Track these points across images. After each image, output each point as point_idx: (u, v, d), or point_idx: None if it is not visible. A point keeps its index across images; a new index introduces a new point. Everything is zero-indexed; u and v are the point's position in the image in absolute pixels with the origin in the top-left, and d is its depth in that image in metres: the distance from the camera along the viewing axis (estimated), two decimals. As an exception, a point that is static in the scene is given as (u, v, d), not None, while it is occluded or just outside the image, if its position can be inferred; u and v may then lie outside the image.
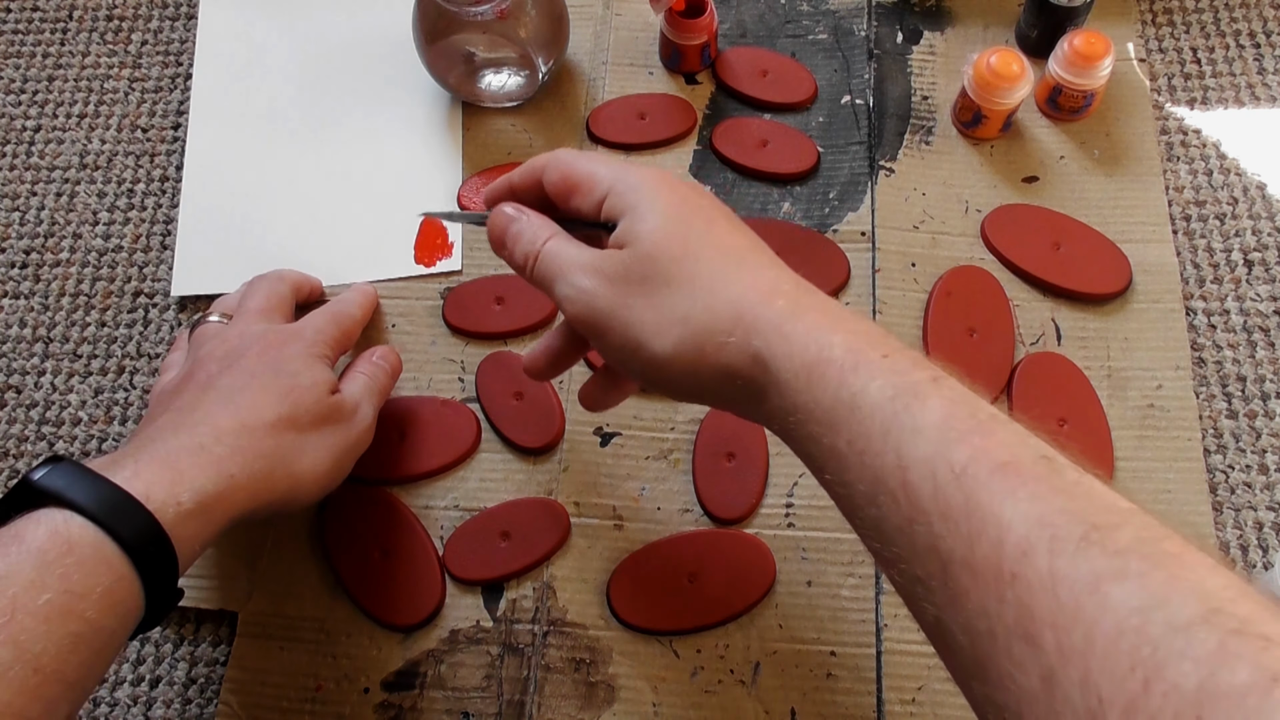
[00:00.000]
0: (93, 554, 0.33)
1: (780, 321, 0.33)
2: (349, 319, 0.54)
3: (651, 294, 0.35)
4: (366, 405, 0.50)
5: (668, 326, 0.35)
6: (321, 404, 0.46)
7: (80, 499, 0.34)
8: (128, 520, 0.35)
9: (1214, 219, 0.60)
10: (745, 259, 0.36)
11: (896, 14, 0.67)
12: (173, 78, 0.69)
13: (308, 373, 0.47)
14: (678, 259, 0.36)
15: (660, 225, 0.36)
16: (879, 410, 0.30)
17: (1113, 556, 0.24)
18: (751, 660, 0.50)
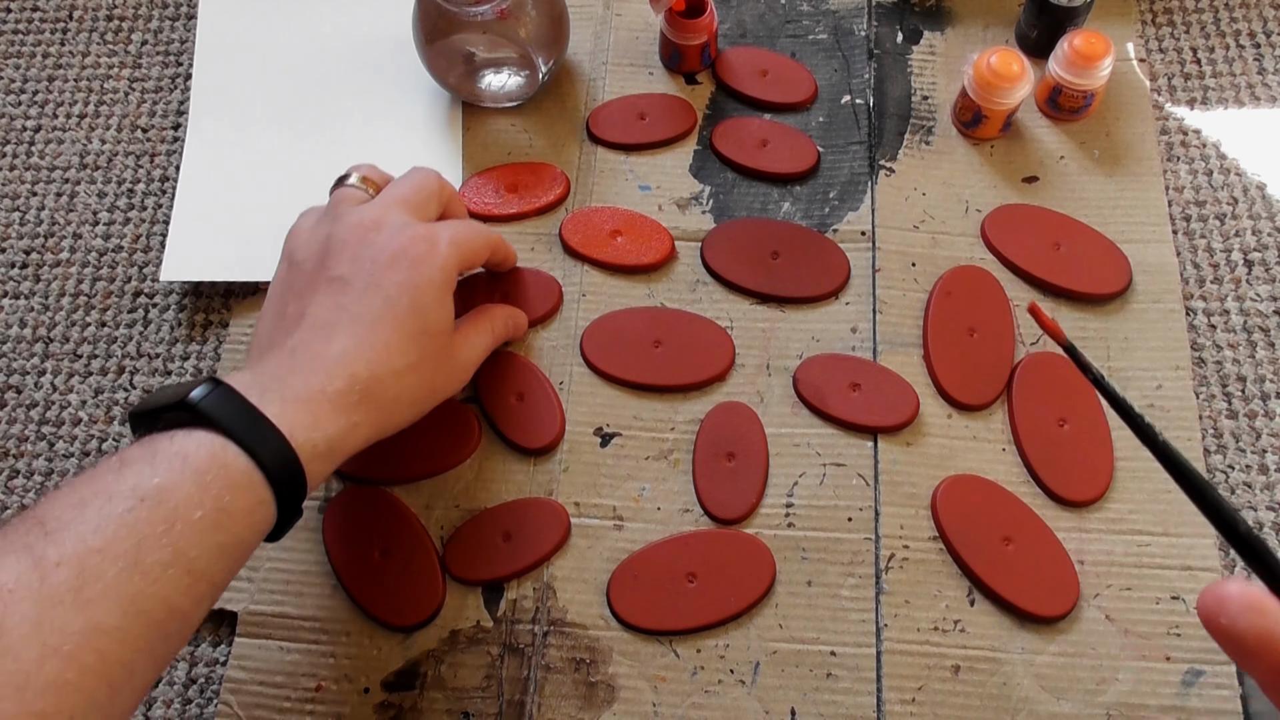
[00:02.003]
0: (244, 480, 0.38)
1: None
2: (486, 245, 0.53)
3: None
4: (473, 363, 0.52)
5: None
6: (443, 353, 0.48)
7: (239, 430, 0.39)
8: (276, 455, 0.39)
9: (1214, 219, 0.60)
10: None
11: (896, 14, 0.67)
12: (173, 78, 0.69)
13: (439, 311, 0.47)
14: None
15: None
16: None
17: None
18: (751, 660, 0.50)
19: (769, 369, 0.57)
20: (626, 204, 0.62)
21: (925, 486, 0.53)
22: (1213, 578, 0.50)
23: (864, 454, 0.54)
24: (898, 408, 0.55)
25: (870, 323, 0.58)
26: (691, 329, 0.57)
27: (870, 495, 0.53)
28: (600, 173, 0.63)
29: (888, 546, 0.52)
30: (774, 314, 0.58)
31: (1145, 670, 0.49)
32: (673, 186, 0.62)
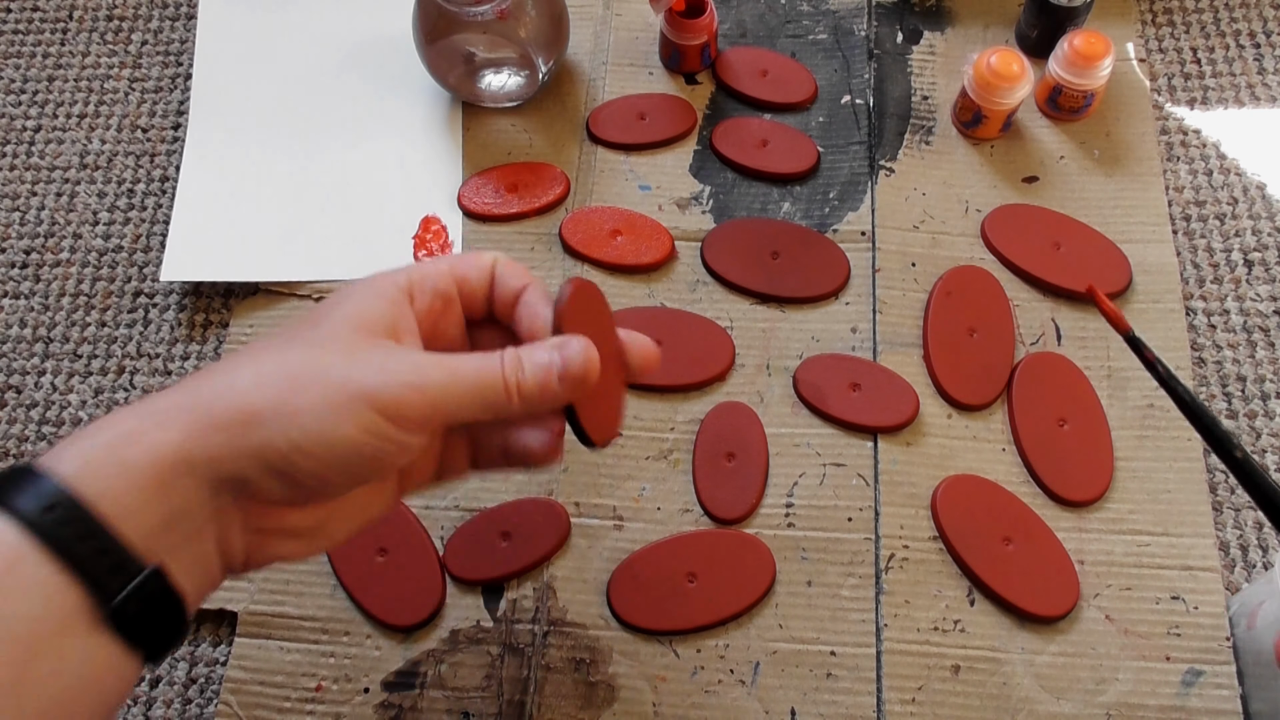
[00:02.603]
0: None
1: None
2: (445, 270, 0.37)
3: None
4: (422, 370, 0.36)
5: None
6: (338, 340, 0.38)
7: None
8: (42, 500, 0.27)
9: (1214, 219, 0.60)
10: None
11: (896, 14, 0.67)
12: (173, 78, 0.69)
13: (339, 304, 0.37)
14: None
15: None
16: None
17: None
18: (751, 660, 0.50)
19: (769, 369, 0.57)
20: (626, 204, 0.62)
21: (925, 486, 0.53)
22: (1213, 577, 0.50)
23: (864, 454, 0.54)
24: (898, 408, 0.55)
25: (870, 323, 0.58)
26: (691, 329, 0.57)
27: (870, 495, 0.53)
28: (600, 172, 0.63)
29: (888, 546, 0.52)
30: (774, 314, 0.58)
31: (1145, 670, 0.49)
32: (673, 186, 0.62)
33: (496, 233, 0.62)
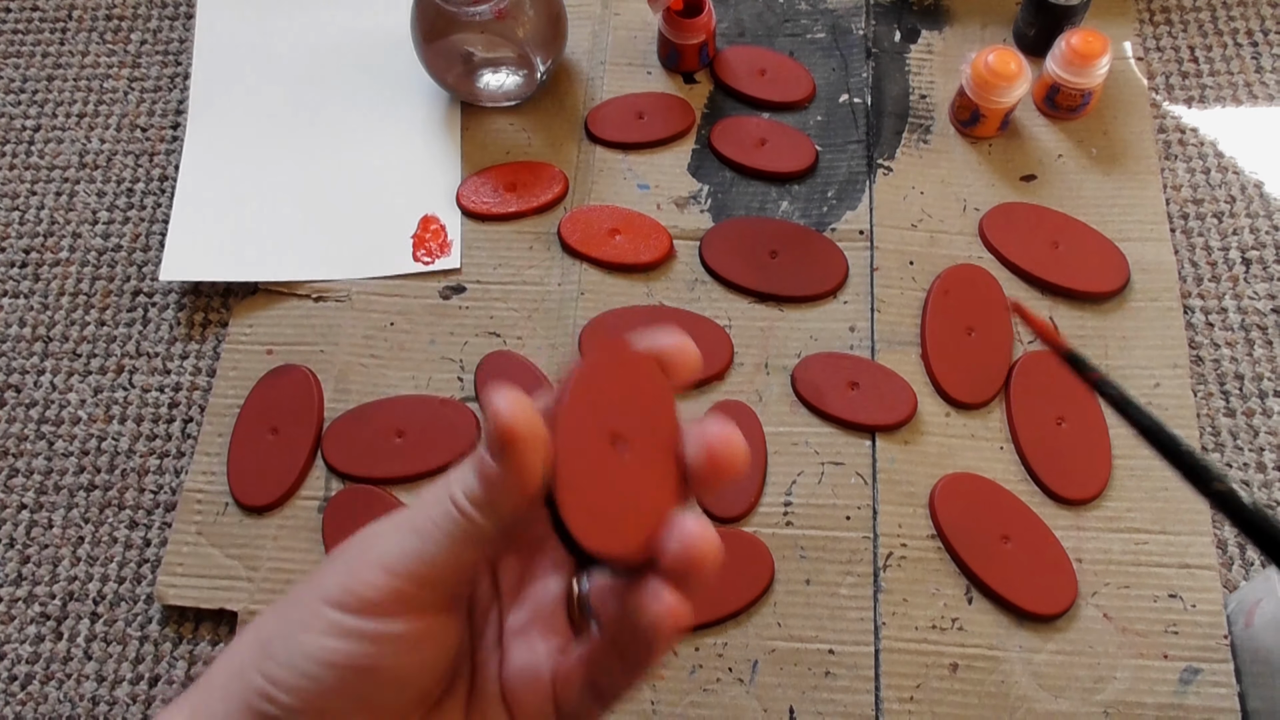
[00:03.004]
0: None
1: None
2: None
3: None
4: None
5: None
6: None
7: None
8: None
9: (1211, 217, 0.60)
10: None
11: (894, 13, 0.67)
12: (172, 77, 0.69)
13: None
14: None
15: None
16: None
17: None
18: (750, 658, 0.50)
19: (767, 368, 0.57)
20: (625, 203, 0.62)
21: (923, 485, 0.53)
22: (1210, 575, 0.50)
23: (862, 452, 0.54)
24: (896, 406, 0.55)
25: (868, 321, 0.58)
26: (690, 328, 0.57)
27: (868, 494, 0.53)
28: (599, 172, 0.63)
29: (886, 545, 0.52)
30: (772, 313, 0.58)
31: (1143, 668, 0.49)
32: (671, 185, 0.62)
33: (495, 232, 0.62)
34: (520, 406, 0.24)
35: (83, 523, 0.56)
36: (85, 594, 0.55)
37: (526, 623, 0.30)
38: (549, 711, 0.28)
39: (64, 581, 0.55)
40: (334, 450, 0.56)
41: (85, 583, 0.55)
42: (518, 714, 0.29)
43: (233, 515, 0.55)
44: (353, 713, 0.26)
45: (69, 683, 0.53)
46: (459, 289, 0.60)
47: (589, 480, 0.25)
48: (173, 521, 0.55)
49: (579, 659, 0.28)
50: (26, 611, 0.54)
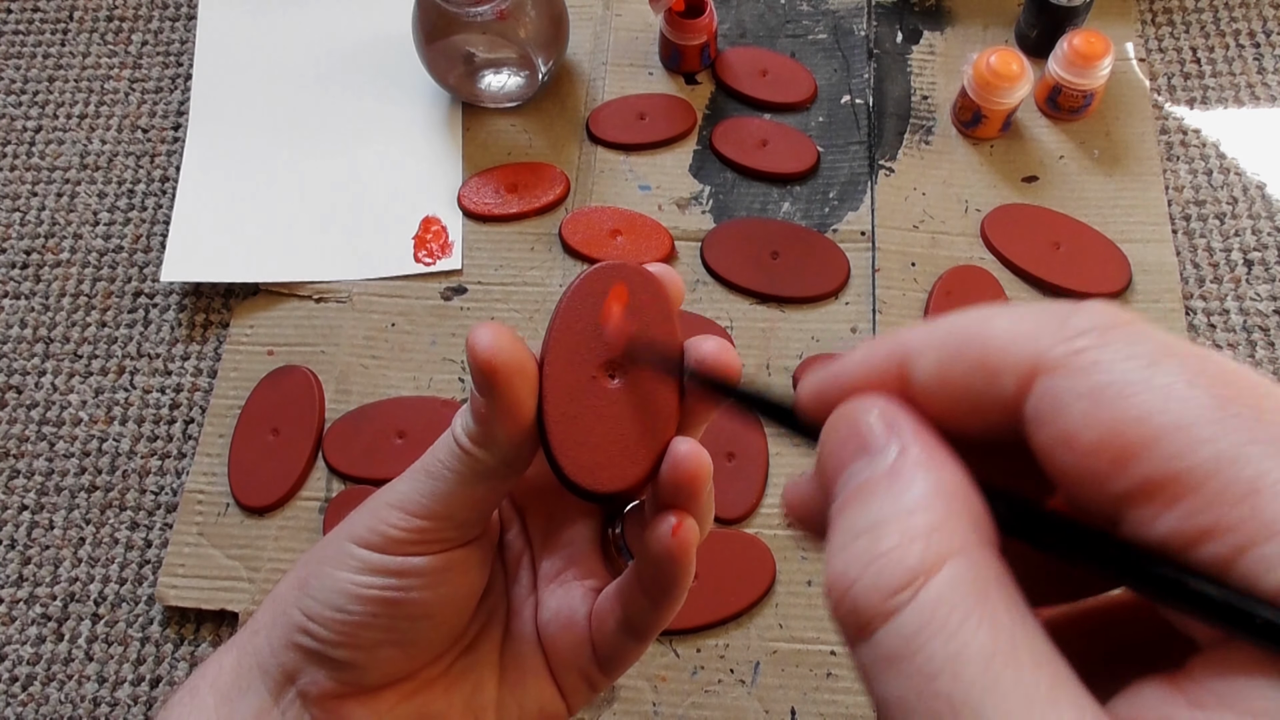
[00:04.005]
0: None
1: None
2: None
3: None
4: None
5: None
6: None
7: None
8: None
9: (1213, 218, 0.60)
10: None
11: (896, 14, 0.67)
12: (173, 78, 0.69)
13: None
14: None
15: None
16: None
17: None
18: (751, 660, 0.50)
19: (769, 369, 0.57)
20: (626, 204, 0.62)
21: (925, 486, 0.53)
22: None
23: (864, 454, 0.54)
24: (897, 407, 0.54)
25: (870, 322, 0.58)
26: (691, 328, 0.57)
27: (870, 495, 0.53)
28: (600, 172, 0.63)
29: (887, 546, 0.52)
30: (774, 314, 0.58)
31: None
32: (673, 186, 0.62)
33: (497, 233, 0.62)
34: (500, 340, 0.25)
35: (84, 524, 0.56)
36: (86, 595, 0.54)
37: (561, 568, 0.31)
38: (585, 652, 0.30)
39: (65, 582, 0.55)
40: (335, 451, 0.56)
41: (86, 584, 0.55)
42: (553, 656, 0.30)
43: (234, 516, 0.55)
44: (385, 644, 0.27)
45: (70, 684, 0.53)
46: (460, 290, 0.60)
47: (579, 414, 0.25)
48: (174, 522, 0.55)
49: (613, 597, 0.29)
50: (28, 612, 0.54)
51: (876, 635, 0.15)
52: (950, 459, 0.17)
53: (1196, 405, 0.15)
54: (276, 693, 0.28)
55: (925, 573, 0.15)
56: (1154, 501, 0.15)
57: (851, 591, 0.16)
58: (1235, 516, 0.14)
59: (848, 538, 0.17)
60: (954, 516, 0.16)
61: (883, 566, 0.16)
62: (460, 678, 0.30)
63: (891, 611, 0.15)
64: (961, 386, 0.17)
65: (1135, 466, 0.15)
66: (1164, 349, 0.16)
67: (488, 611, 0.31)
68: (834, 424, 0.19)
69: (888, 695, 0.15)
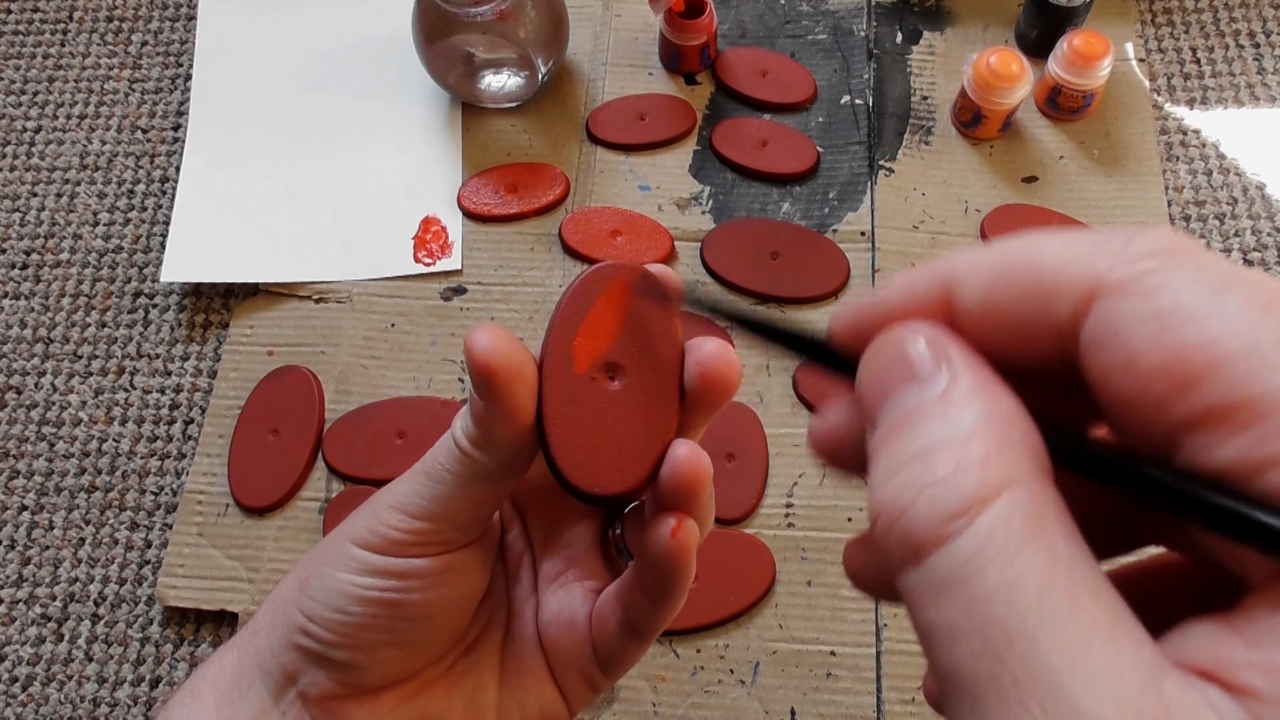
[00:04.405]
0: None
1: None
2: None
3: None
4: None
5: None
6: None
7: None
8: None
9: (1213, 219, 0.60)
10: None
11: (896, 14, 0.67)
12: (173, 78, 0.69)
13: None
14: None
15: None
16: None
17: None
18: (751, 660, 0.50)
19: (769, 369, 0.57)
20: (626, 204, 0.62)
21: (925, 486, 0.53)
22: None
23: (864, 454, 0.54)
24: (897, 408, 0.54)
25: (870, 323, 0.58)
26: (691, 329, 0.57)
27: (870, 495, 0.53)
28: (600, 173, 0.63)
29: (887, 546, 0.52)
30: (774, 314, 0.58)
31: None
32: (672, 186, 0.62)
33: (497, 233, 0.62)
34: (498, 342, 0.24)
35: (83, 524, 0.56)
36: (86, 595, 0.54)
37: (561, 569, 0.31)
38: (586, 653, 0.29)
39: (65, 583, 0.55)
40: (335, 451, 0.56)
41: (86, 584, 0.55)
42: (554, 657, 0.30)
43: (233, 516, 0.55)
44: (385, 645, 0.27)
45: (70, 684, 0.53)
46: (460, 290, 0.60)
47: (579, 416, 0.25)
48: (173, 523, 0.55)
49: (613, 598, 0.29)
50: (27, 613, 0.54)
51: (928, 561, 0.15)
52: (1004, 388, 0.17)
53: (1268, 332, 0.14)
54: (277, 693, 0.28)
55: (982, 500, 0.15)
56: (1218, 428, 0.14)
57: (905, 517, 0.16)
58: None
59: (898, 462, 0.16)
60: (1010, 445, 0.16)
61: (937, 493, 0.15)
62: (461, 679, 0.30)
63: (946, 537, 0.15)
64: (1012, 312, 0.17)
65: (1200, 392, 0.14)
66: (1233, 275, 0.15)
67: (488, 612, 0.31)
68: (876, 351, 0.18)
69: (937, 621, 0.15)
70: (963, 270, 0.18)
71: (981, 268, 0.17)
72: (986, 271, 0.17)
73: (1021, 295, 0.17)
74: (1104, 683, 0.13)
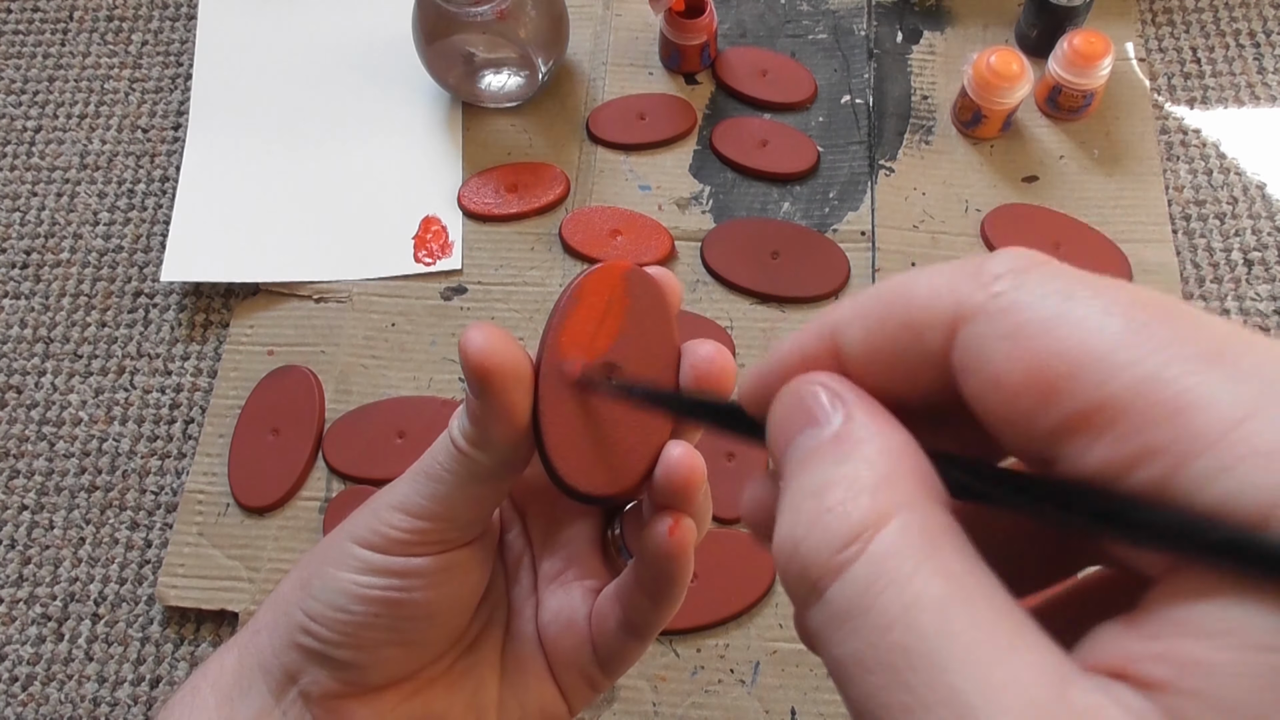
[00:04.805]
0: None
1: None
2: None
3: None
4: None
5: None
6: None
7: None
8: None
9: (1214, 218, 0.60)
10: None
11: (896, 13, 0.67)
12: (173, 78, 0.69)
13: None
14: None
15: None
16: None
17: None
18: (751, 660, 0.50)
19: (769, 369, 0.57)
20: (626, 204, 0.62)
21: (925, 486, 0.53)
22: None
23: (864, 453, 0.54)
24: (898, 407, 0.54)
25: (870, 322, 0.58)
26: (691, 329, 0.57)
27: (870, 495, 0.53)
28: (600, 172, 0.63)
29: (888, 546, 0.52)
30: (774, 314, 0.58)
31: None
32: (673, 186, 0.62)
33: (497, 233, 0.62)
34: (492, 342, 0.24)
35: (84, 524, 0.56)
36: (86, 595, 0.54)
37: (561, 568, 0.31)
38: (586, 652, 0.30)
39: (65, 582, 0.55)
40: (335, 451, 0.56)
41: (86, 584, 0.55)
42: (554, 656, 0.30)
43: (234, 516, 0.55)
44: (386, 645, 0.27)
45: (70, 684, 0.53)
46: (460, 290, 0.60)
47: (575, 416, 0.25)
48: (174, 522, 0.55)
49: (613, 597, 0.29)
50: (28, 612, 0.54)
51: (827, 594, 0.15)
52: (895, 423, 0.17)
53: (1113, 332, 0.15)
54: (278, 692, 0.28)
55: (874, 525, 0.15)
56: (1083, 434, 0.15)
57: (799, 550, 0.16)
58: (1164, 437, 0.14)
59: (795, 501, 0.17)
60: (901, 473, 0.16)
61: (829, 522, 0.15)
62: (462, 677, 0.30)
63: (841, 566, 0.15)
64: (890, 351, 0.17)
65: (1061, 401, 0.15)
66: (1078, 282, 0.15)
67: (489, 611, 0.31)
68: (780, 402, 0.19)
69: (843, 655, 0.15)
70: (845, 318, 0.18)
71: (859, 313, 0.18)
72: (864, 316, 0.18)
73: (896, 334, 0.17)
74: (1011, 698, 0.13)
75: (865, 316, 0.18)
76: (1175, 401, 0.14)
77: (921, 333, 0.17)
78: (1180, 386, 0.14)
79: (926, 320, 0.17)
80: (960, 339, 0.16)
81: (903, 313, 0.17)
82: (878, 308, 0.18)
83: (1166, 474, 0.14)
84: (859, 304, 0.18)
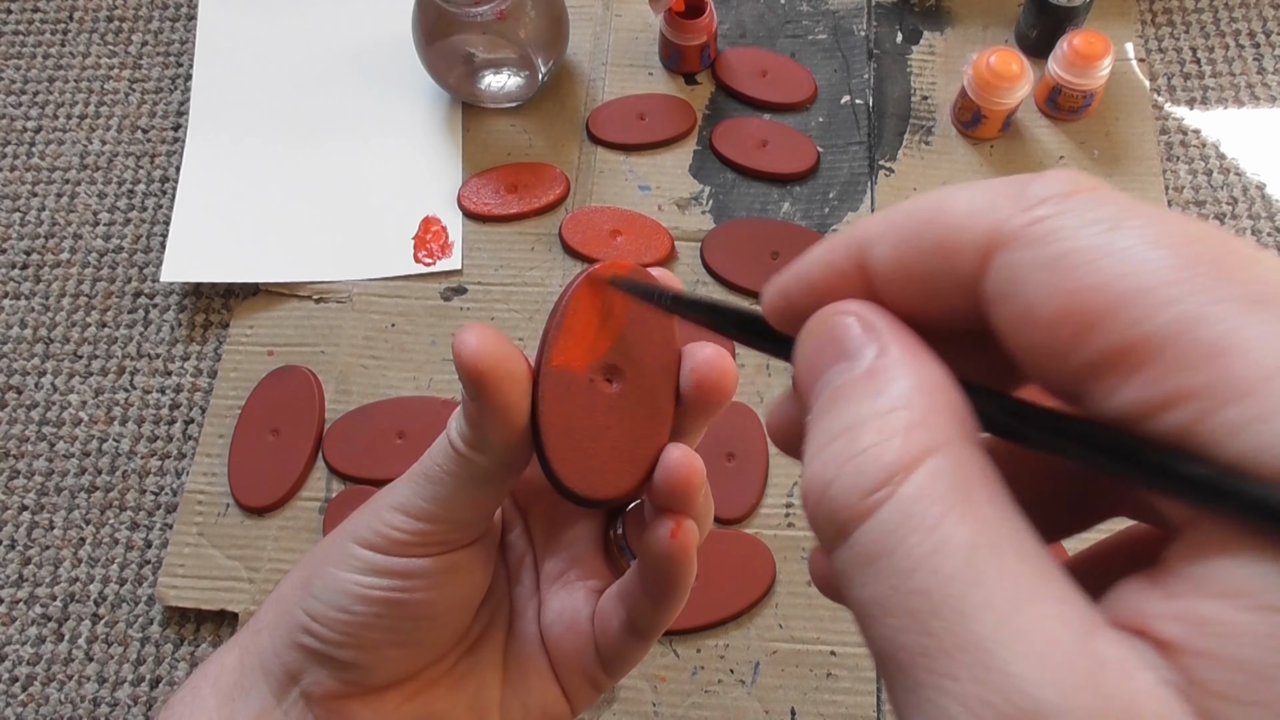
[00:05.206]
0: None
1: None
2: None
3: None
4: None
5: None
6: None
7: None
8: None
9: (1214, 219, 0.60)
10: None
11: (896, 14, 0.67)
12: (173, 78, 0.69)
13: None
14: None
15: None
16: None
17: None
18: (751, 660, 0.50)
19: (769, 369, 0.57)
20: (626, 204, 0.62)
21: (925, 486, 0.53)
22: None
23: (864, 454, 0.54)
24: (897, 407, 0.54)
25: (870, 323, 0.58)
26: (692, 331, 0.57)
27: (870, 495, 0.53)
28: (600, 173, 0.63)
29: (887, 546, 0.52)
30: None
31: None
32: (672, 186, 0.62)
33: (497, 233, 0.62)
34: (486, 343, 0.24)
35: (84, 524, 0.56)
36: (86, 595, 0.55)
37: (563, 569, 0.31)
38: (589, 653, 0.30)
39: (65, 583, 0.55)
40: (335, 451, 0.56)
41: (86, 584, 0.55)
42: (557, 657, 0.30)
43: (234, 516, 0.55)
44: (388, 645, 0.27)
45: (70, 684, 0.53)
46: (460, 290, 0.60)
47: (574, 418, 0.25)
48: (174, 523, 0.55)
49: (615, 598, 0.29)
50: (27, 613, 0.54)
51: (853, 536, 0.15)
52: (931, 356, 0.16)
53: (1159, 267, 0.14)
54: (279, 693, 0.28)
55: (905, 468, 0.15)
56: (1115, 372, 0.14)
57: (828, 493, 0.15)
58: (1198, 381, 0.13)
59: (824, 441, 0.16)
60: (935, 412, 0.15)
61: (859, 464, 0.15)
62: (464, 678, 0.30)
63: (869, 510, 0.15)
64: (920, 272, 0.17)
65: (1096, 336, 0.14)
66: (1127, 211, 0.15)
67: (491, 612, 0.31)
68: (809, 331, 0.18)
69: (865, 597, 0.15)
70: (874, 233, 0.17)
71: (891, 229, 0.17)
72: (895, 232, 0.17)
73: (928, 254, 0.16)
74: (1034, 644, 0.13)
75: (897, 233, 0.17)
76: (1214, 345, 0.13)
77: (955, 254, 0.16)
78: (1221, 329, 0.13)
79: (960, 242, 0.16)
80: (995, 265, 0.15)
81: (937, 232, 0.16)
82: (910, 225, 0.17)
83: (1194, 420, 0.13)
84: (891, 219, 0.17)
